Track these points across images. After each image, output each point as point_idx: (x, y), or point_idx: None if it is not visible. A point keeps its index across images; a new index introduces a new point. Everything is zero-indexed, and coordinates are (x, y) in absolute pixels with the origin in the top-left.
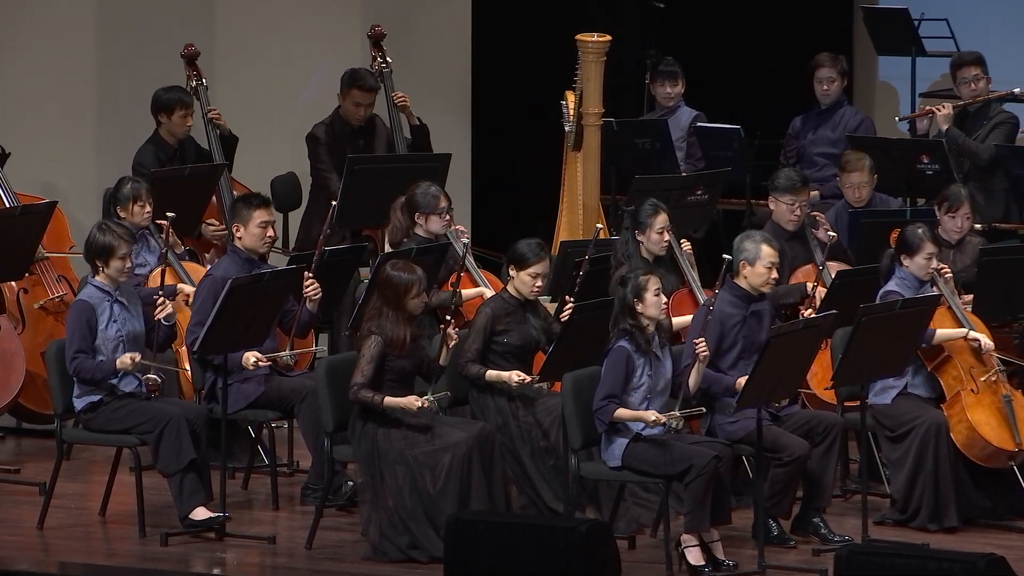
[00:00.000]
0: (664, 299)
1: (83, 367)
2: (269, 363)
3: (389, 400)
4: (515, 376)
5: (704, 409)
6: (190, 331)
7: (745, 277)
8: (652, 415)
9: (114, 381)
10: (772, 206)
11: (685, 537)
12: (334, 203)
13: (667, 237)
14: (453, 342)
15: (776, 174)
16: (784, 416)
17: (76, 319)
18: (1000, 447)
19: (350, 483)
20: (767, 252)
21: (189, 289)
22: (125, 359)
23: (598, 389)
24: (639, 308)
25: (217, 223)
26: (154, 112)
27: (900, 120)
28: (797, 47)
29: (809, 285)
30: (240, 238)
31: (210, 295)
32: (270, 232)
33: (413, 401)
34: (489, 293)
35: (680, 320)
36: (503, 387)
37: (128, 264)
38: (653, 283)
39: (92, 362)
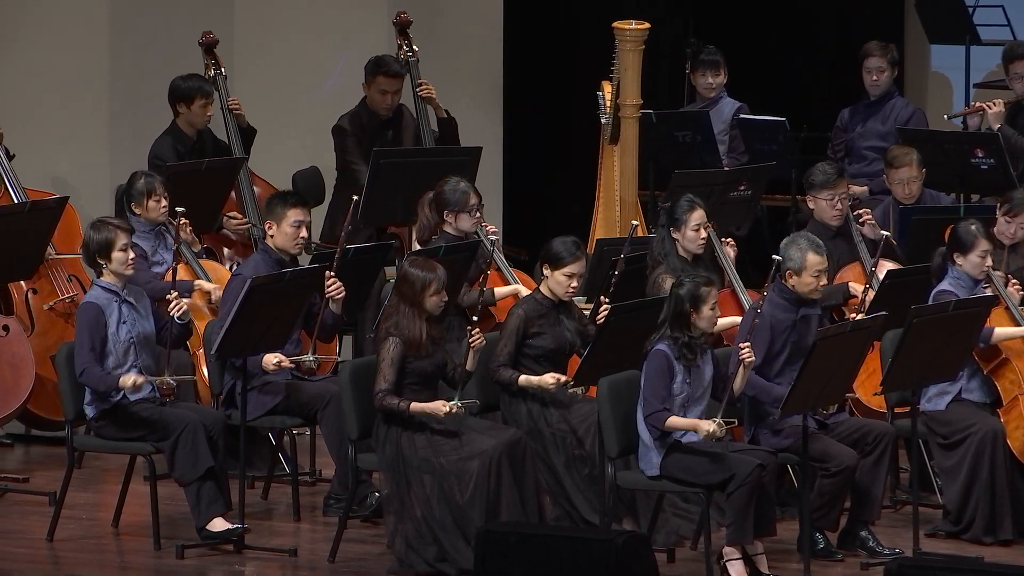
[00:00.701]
0: (719, 313)
1: (89, 375)
2: (293, 365)
3: (415, 406)
4: (549, 378)
5: (736, 422)
6: (213, 330)
7: (793, 285)
8: (708, 425)
9: (119, 395)
10: (811, 204)
11: (727, 550)
12: (356, 198)
13: (704, 234)
14: (478, 345)
15: (810, 171)
16: (831, 424)
17: (85, 322)
18: None
19: (376, 494)
20: (813, 261)
21: (208, 286)
22: (128, 380)
23: (643, 397)
24: (693, 319)
25: (240, 216)
26: (172, 102)
27: (949, 118)
28: (845, 35)
29: (851, 285)
30: (272, 236)
31: (238, 296)
32: (303, 232)
33: (440, 406)
34: (524, 291)
35: (721, 322)
36: (536, 392)
37: (131, 255)
38: (713, 296)
39: (99, 371)
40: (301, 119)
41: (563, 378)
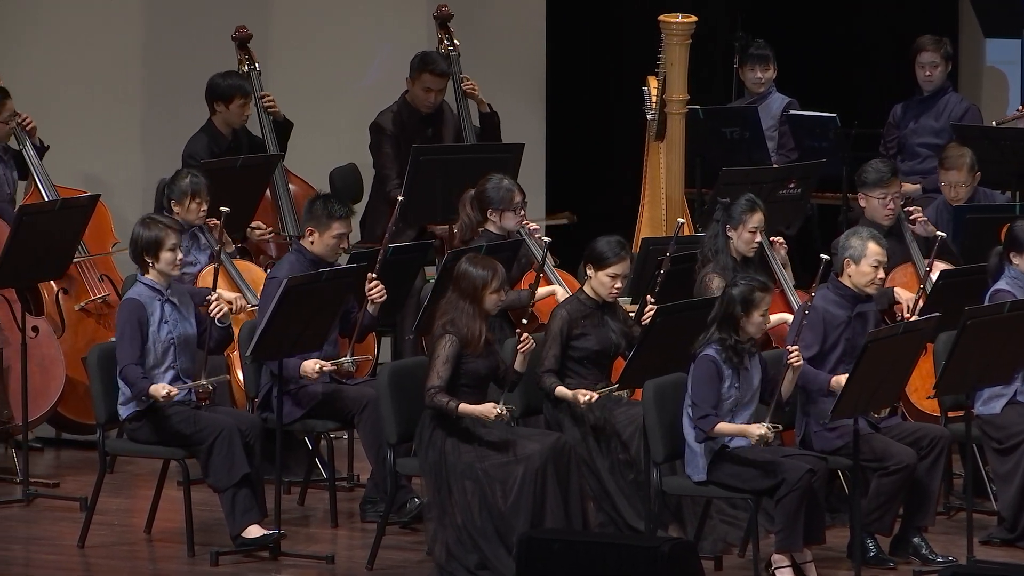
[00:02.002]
0: (769, 321)
1: (129, 375)
2: (333, 367)
3: (464, 407)
4: (581, 396)
5: (780, 427)
6: (248, 331)
7: (849, 276)
8: (759, 429)
9: (148, 401)
10: (863, 203)
11: (776, 557)
12: (401, 199)
13: (759, 238)
14: (528, 346)
15: (863, 168)
16: (884, 428)
17: (126, 318)
18: None
19: (416, 500)
20: (874, 250)
21: (229, 295)
22: (159, 391)
23: (691, 402)
24: (742, 323)
25: (264, 226)
26: (209, 100)
27: (997, 125)
28: (898, 29)
29: (897, 291)
30: (312, 243)
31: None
32: (344, 244)
33: (490, 409)
34: (562, 292)
35: (772, 319)
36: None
37: (179, 255)
38: (766, 303)
39: (138, 372)
40: (338, 115)
41: (594, 396)
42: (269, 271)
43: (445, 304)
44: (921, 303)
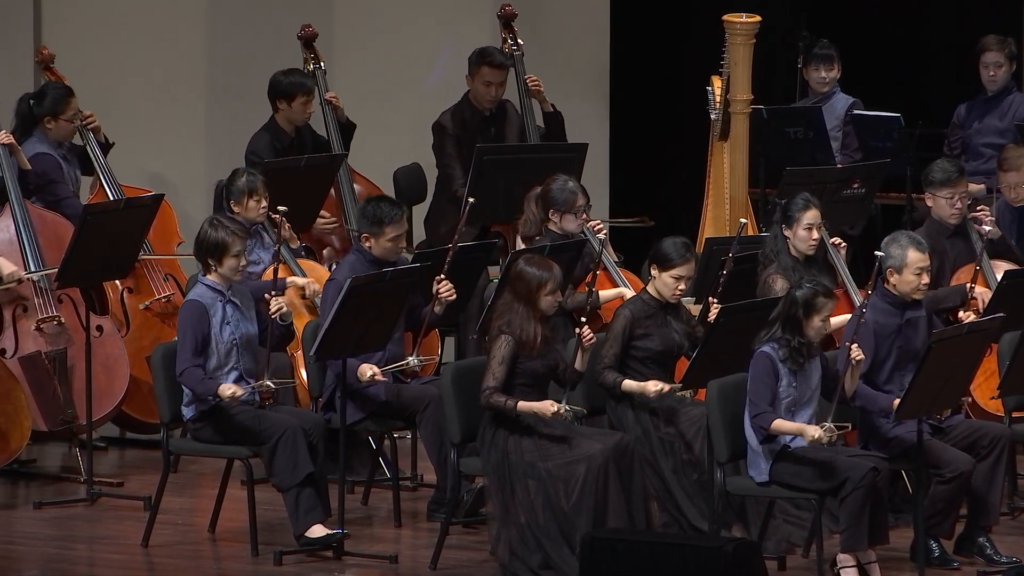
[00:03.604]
0: (829, 327)
1: (189, 376)
2: (386, 379)
3: (523, 404)
4: (652, 386)
5: (849, 426)
6: (311, 330)
7: (894, 285)
8: (815, 431)
9: (214, 400)
10: (930, 202)
11: (842, 557)
12: (471, 200)
13: (816, 235)
14: (589, 345)
15: (930, 168)
16: (947, 428)
17: (188, 320)
18: None
19: (470, 489)
20: (915, 258)
21: (301, 281)
22: (226, 391)
23: (749, 396)
24: (803, 325)
25: (328, 215)
26: (272, 98)
27: None
28: (962, 29)
29: (969, 285)
30: (370, 247)
31: (336, 300)
32: (402, 243)
33: (548, 405)
34: (629, 294)
35: (835, 321)
36: (642, 397)
37: (243, 262)
38: (827, 309)
39: (200, 374)
40: (403, 114)
41: (666, 387)
42: (332, 272)
43: (502, 305)
44: (985, 293)
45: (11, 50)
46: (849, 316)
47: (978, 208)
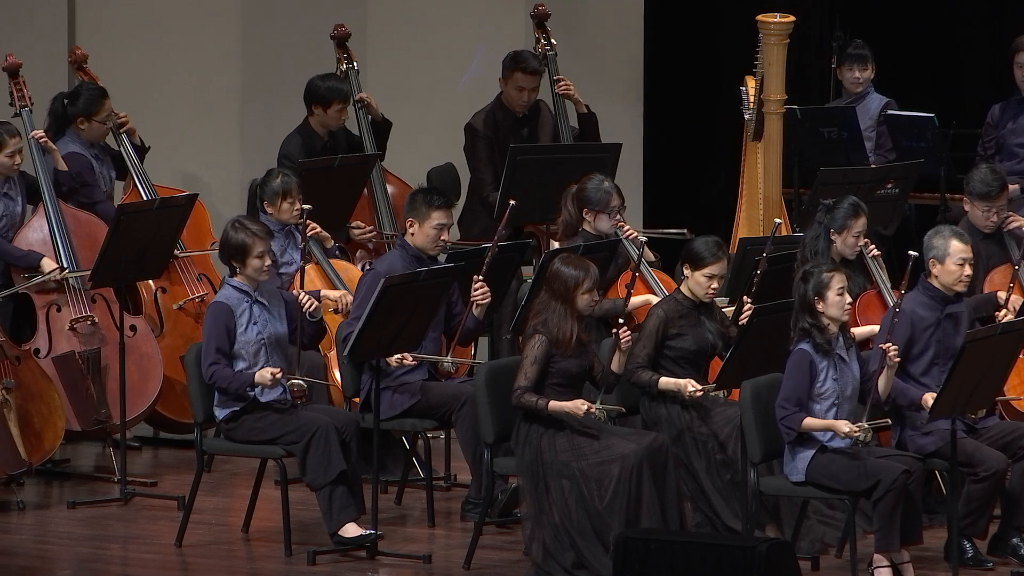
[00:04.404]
0: (848, 299)
1: (219, 376)
2: (416, 363)
3: (554, 404)
4: (689, 386)
5: (889, 421)
6: (345, 328)
7: (936, 276)
8: (845, 426)
9: (253, 392)
10: (967, 207)
11: (877, 557)
12: (513, 202)
13: (863, 242)
14: (626, 346)
15: (971, 175)
16: (981, 428)
17: (213, 322)
18: None
19: (505, 489)
20: (957, 248)
21: (334, 295)
22: (265, 374)
23: (779, 395)
24: (819, 307)
25: (364, 225)
26: (307, 102)
27: None
28: (996, 28)
29: (1001, 295)
30: (412, 235)
31: (371, 292)
32: (445, 235)
33: (580, 405)
34: (656, 300)
35: (862, 330)
36: (677, 395)
37: (267, 263)
38: (837, 281)
39: (229, 371)
40: (436, 114)
41: (702, 389)
42: (370, 264)
43: (538, 304)
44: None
45: (45, 50)
46: (875, 327)
47: (1011, 216)
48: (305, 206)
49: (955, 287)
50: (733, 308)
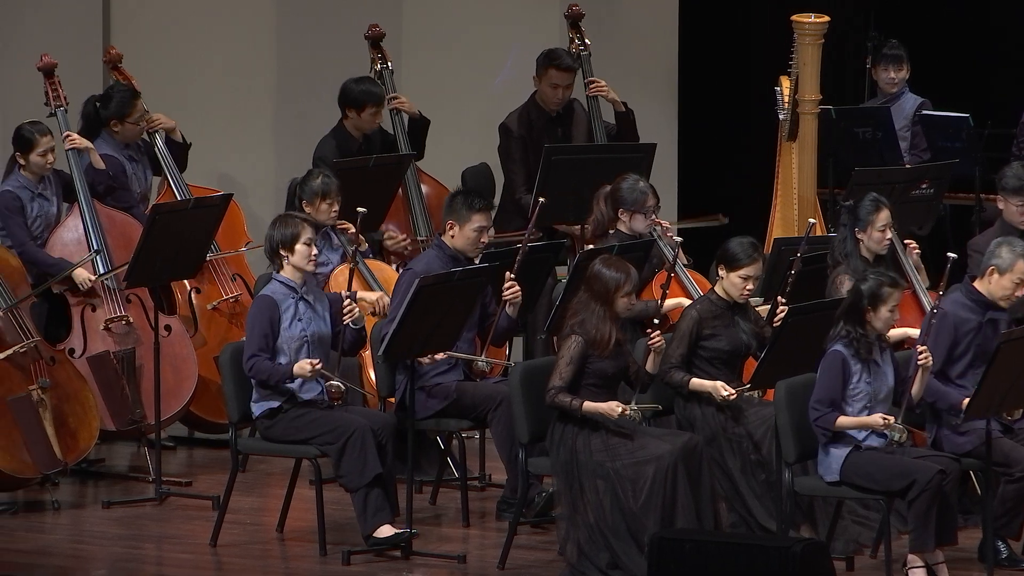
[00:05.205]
0: (896, 317)
1: (259, 368)
2: (448, 359)
3: (588, 405)
4: (722, 390)
5: (907, 431)
6: (382, 328)
7: (988, 284)
8: (879, 418)
9: (292, 386)
10: (1001, 205)
11: (911, 558)
12: (542, 200)
13: (889, 235)
14: (658, 347)
15: (1004, 172)
16: (1017, 428)
17: (258, 315)
18: None
19: (542, 492)
20: (1021, 267)
21: (372, 296)
22: (304, 365)
23: (812, 397)
24: (868, 316)
25: (396, 234)
26: (341, 105)
27: None
28: None
29: None
30: (452, 237)
31: (409, 292)
32: (484, 238)
33: (614, 407)
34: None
35: (896, 332)
36: (710, 396)
37: (313, 251)
38: (894, 299)
39: (269, 364)
40: (471, 114)
41: (734, 393)
42: (407, 263)
43: (576, 304)
44: None
45: (80, 50)
46: (910, 329)
47: None
48: (360, 209)
49: (1001, 301)
50: (767, 308)
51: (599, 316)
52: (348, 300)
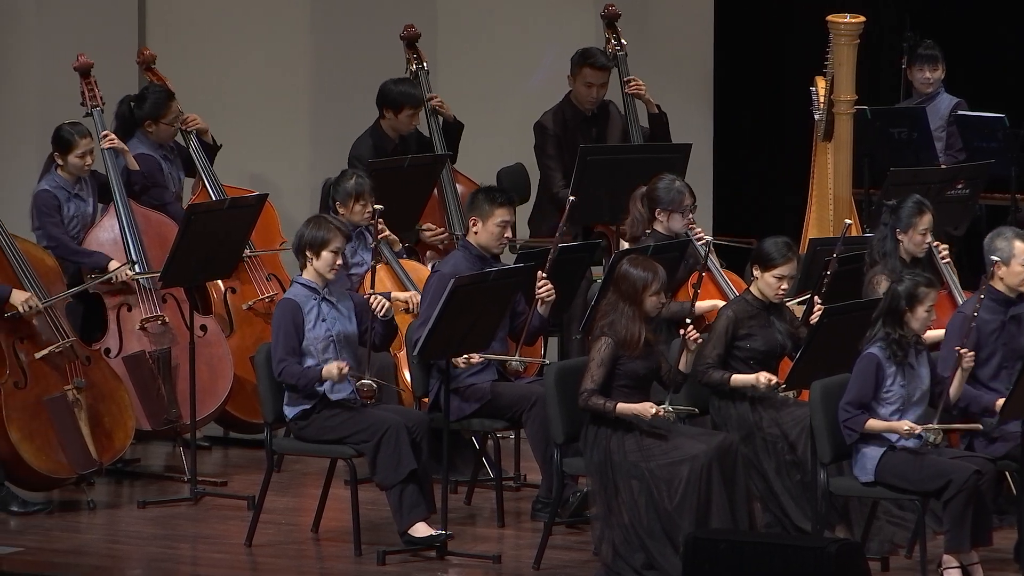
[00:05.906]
0: (933, 317)
1: (289, 372)
2: (483, 362)
3: (622, 407)
4: (763, 377)
5: (942, 432)
6: (414, 330)
7: (1001, 279)
8: (906, 425)
9: (321, 389)
10: None
11: (946, 558)
12: (572, 199)
13: (929, 238)
14: (695, 345)
15: None
16: None
17: (281, 318)
18: None
19: (576, 492)
20: (1021, 248)
21: (404, 295)
22: (332, 368)
23: (844, 398)
24: (906, 317)
25: (435, 227)
26: (379, 105)
27: None
28: None
29: None
30: (476, 233)
31: (438, 294)
32: (508, 233)
33: (648, 408)
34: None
35: (931, 334)
36: (749, 392)
37: (339, 261)
38: (931, 299)
39: (298, 367)
40: (506, 114)
41: (774, 379)
42: (434, 266)
43: (606, 305)
44: None
45: (116, 50)
46: (942, 331)
47: None
48: (377, 206)
49: (1020, 288)
50: (803, 308)
51: (628, 316)
52: (374, 296)
